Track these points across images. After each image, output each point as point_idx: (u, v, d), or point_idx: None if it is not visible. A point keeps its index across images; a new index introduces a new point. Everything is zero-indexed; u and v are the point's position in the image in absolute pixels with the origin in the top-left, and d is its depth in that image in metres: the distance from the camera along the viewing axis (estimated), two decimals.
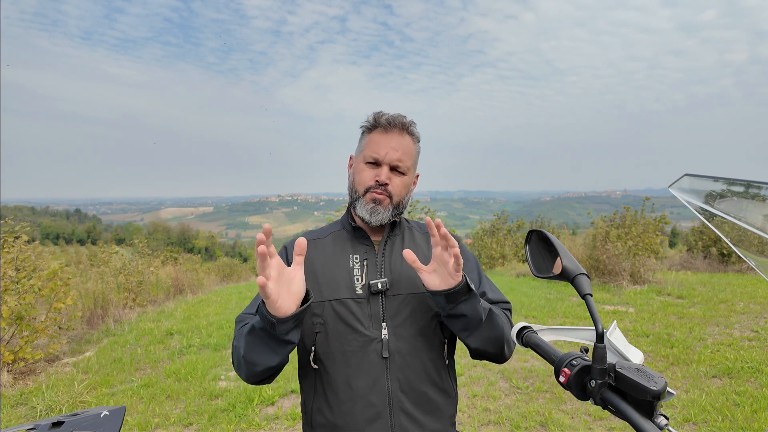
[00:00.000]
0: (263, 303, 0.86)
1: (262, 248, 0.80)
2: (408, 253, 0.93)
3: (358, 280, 1.08)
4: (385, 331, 1.04)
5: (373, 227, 1.14)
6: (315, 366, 1.06)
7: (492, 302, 1.17)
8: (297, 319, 0.88)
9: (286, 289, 0.87)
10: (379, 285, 1.06)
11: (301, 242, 0.88)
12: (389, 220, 1.13)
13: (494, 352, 1.06)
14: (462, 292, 0.93)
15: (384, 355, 1.03)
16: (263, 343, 0.91)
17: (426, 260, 1.12)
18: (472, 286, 0.96)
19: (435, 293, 0.94)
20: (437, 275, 0.95)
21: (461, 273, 0.92)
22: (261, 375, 0.97)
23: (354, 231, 1.15)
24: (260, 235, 0.80)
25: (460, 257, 0.89)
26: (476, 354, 1.08)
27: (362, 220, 1.13)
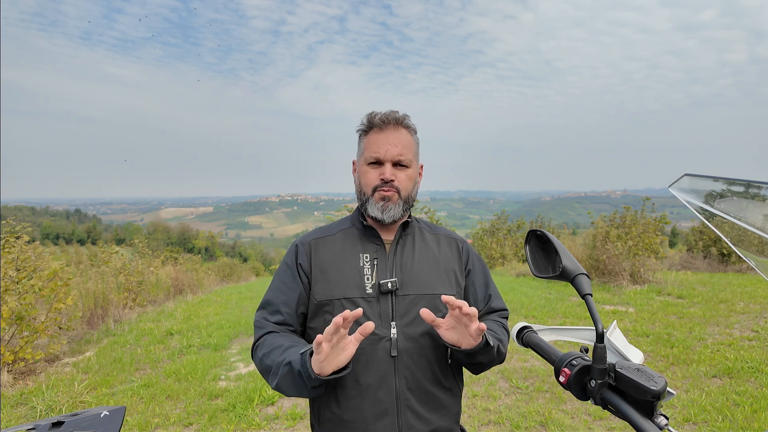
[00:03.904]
0: (310, 354, 0.92)
1: (338, 319, 0.85)
2: (426, 313, 0.95)
3: (368, 279, 1.09)
4: (394, 330, 1.06)
5: (385, 225, 1.15)
6: None
7: (494, 310, 1.22)
8: (328, 383, 0.94)
9: (334, 355, 0.91)
10: (389, 285, 1.07)
11: (368, 326, 0.89)
12: (401, 216, 1.14)
13: (495, 365, 1.14)
14: (482, 349, 0.98)
15: (392, 354, 1.05)
16: (296, 383, 0.96)
17: (436, 260, 1.16)
18: (491, 342, 1.00)
19: (456, 350, 0.98)
20: (456, 332, 0.97)
21: (481, 335, 0.95)
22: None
23: (364, 229, 1.17)
24: (353, 313, 0.86)
25: (484, 327, 0.91)
26: None
27: (375, 219, 1.14)
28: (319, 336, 0.85)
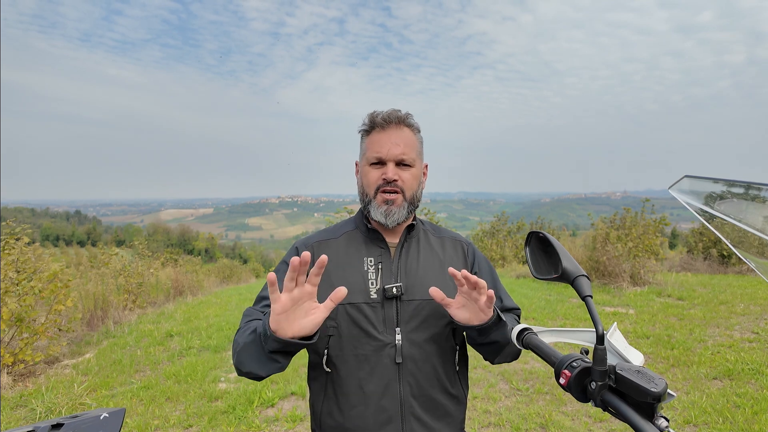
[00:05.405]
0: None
1: (295, 260, 0.81)
2: (435, 291, 0.95)
3: (372, 284, 1.06)
4: (398, 336, 1.04)
5: (389, 228, 1.12)
6: (327, 369, 1.05)
7: (507, 309, 1.19)
8: (286, 345, 0.85)
9: (296, 316, 0.85)
10: (394, 290, 1.04)
11: (340, 291, 0.85)
12: (406, 218, 1.11)
13: (511, 360, 1.10)
14: (494, 324, 0.95)
15: (397, 361, 1.03)
16: (255, 350, 0.90)
17: (441, 264, 1.13)
18: (502, 316, 0.98)
19: (468, 328, 0.96)
20: (466, 310, 0.95)
21: (492, 307, 0.93)
22: (247, 376, 0.95)
23: (368, 232, 1.14)
24: (306, 254, 0.81)
25: (493, 295, 0.90)
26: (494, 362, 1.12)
27: (378, 222, 1.11)
28: (271, 274, 0.80)
